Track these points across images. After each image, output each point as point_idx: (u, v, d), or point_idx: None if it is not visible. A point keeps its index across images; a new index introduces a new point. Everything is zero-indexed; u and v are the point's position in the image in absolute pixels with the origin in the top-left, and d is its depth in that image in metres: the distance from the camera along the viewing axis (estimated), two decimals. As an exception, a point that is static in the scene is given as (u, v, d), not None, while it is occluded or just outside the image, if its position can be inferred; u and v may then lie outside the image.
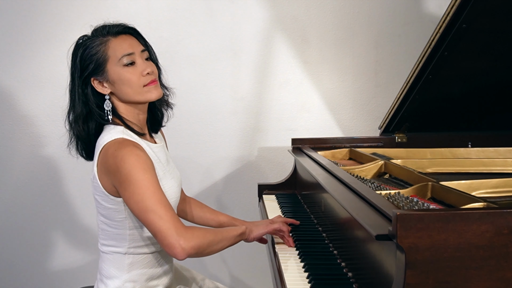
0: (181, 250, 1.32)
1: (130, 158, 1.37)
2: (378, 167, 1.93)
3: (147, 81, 1.49)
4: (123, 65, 1.47)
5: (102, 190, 1.46)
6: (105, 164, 1.43)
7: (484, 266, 0.97)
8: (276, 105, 2.90)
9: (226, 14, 2.83)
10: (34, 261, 2.92)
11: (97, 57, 1.47)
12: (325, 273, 1.42)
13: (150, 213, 1.34)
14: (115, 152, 1.40)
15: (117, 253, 1.52)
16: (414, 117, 2.33)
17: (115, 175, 1.39)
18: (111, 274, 1.53)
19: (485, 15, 1.82)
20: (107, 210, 1.49)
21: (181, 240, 1.32)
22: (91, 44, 1.48)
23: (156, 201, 1.35)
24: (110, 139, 1.45)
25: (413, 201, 1.34)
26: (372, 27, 2.88)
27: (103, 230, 1.53)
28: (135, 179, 1.36)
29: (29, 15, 2.78)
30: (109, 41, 1.48)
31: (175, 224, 1.33)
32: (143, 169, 1.37)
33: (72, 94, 1.52)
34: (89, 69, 1.47)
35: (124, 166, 1.37)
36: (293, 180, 2.45)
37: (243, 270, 2.97)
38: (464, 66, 2.05)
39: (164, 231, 1.32)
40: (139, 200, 1.35)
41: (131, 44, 1.50)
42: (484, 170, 1.97)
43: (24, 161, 2.86)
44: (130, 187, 1.36)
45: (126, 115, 1.52)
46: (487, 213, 0.98)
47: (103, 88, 1.49)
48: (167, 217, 1.34)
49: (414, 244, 0.97)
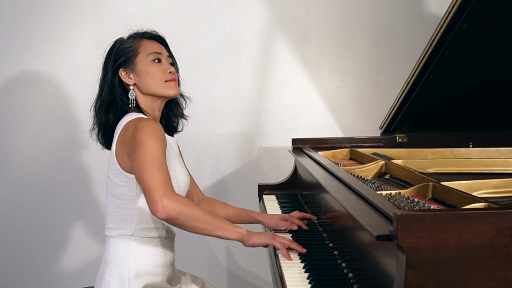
0: (162, 207, 1.38)
1: (147, 126, 1.51)
2: (379, 167, 1.93)
3: (169, 77, 1.67)
4: (151, 60, 1.66)
5: (117, 166, 1.57)
6: (124, 136, 1.56)
7: (485, 266, 0.97)
8: (277, 105, 2.90)
9: (226, 13, 2.84)
10: (34, 262, 2.92)
11: (129, 50, 1.67)
12: (326, 273, 1.42)
13: (146, 171, 1.43)
14: (135, 124, 1.54)
15: (124, 235, 1.59)
16: (415, 117, 2.33)
17: (130, 143, 1.52)
18: (117, 257, 1.58)
19: (487, 15, 1.82)
20: (119, 188, 1.58)
21: (165, 198, 1.39)
22: (126, 41, 1.70)
23: (155, 162, 1.45)
24: (130, 119, 1.59)
25: (414, 201, 1.34)
26: (373, 27, 2.88)
27: (111, 213, 1.62)
28: (145, 142, 1.48)
29: (29, 14, 2.78)
30: (142, 40, 1.69)
31: (164, 184, 1.42)
32: (155, 137, 1.49)
33: (102, 82, 1.69)
34: (120, 59, 1.66)
35: (139, 133, 1.50)
36: (293, 180, 2.45)
37: (243, 271, 2.97)
38: (465, 65, 2.05)
39: (152, 187, 1.40)
40: (141, 160, 1.45)
41: (160, 47, 1.71)
42: (485, 170, 1.97)
43: (24, 161, 2.86)
44: (139, 149, 1.47)
45: (144, 106, 1.68)
46: (488, 213, 0.98)
47: (129, 79, 1.66)
48: (160, 177, 1.42)
49: (415, 244, 0.97)
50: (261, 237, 1.57)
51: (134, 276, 1.56)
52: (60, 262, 2.93)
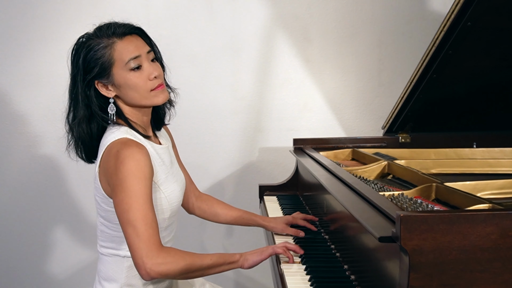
0: (145, 273, 1.33)
1: (130, 162, 1.37)
2: (381, 168, 1.93)
3: (154, 86, 1.48)
4: (129, 69, 1.45)
5: (101, 191, 1.47)
6: (106, 164, 1.43)
7: (489, 268, 0.97)
8: (278, 105, 2.90)
9: (227, 12, 2.84)
10: (31, 264, 2.92)
11: (103, 60, 1.44)
12: (328, 275, 1.42)
13: (130, 227, 1.34)
14: (118, 152, 1.40)
15: (116, 255, 1.52)
16: (418, 117, 2.33)
17: (111, 176, 1.40)
18: (109, 276, 1.53)
19: (491, 13, 1.82)
20: (106, 212, 1.50)
21: (148, 264, 1.32)
22: (95, 46, 1.46)
23: (140, 216, 1.35)
24: (114, 139, 1.45)
25: (417, 202, 1.34)
26: (375, 25, 2.88)
27: (102, 232, 1.54)
28: (128, 187, 1.36)
29: (26, 13, 2.78)
30: (114, 43, 1.45)
31: (148, 245, 1.33)
32: (139, 178, 1.37)
33: (73, 96, 1.50)
34: (93, 72, 1.45)
35: (122, 170, 1.37)
36: (294, 181, 2.45)
37: (244, 273, 2.97)
38: (469, 64, 2.05)
39: (136, 249, 1.33)
40: (125, 209, 1.35)
41: (137, 46, 1.47)
42: (489, 171, 1.97)
43: (21, 162, 2.86)
44: (122, 193, 1.36)
45: (131, 116, 1.52)
46: (492, 214, 0.98)
47: (108, 92, 1.48)
48: (144, 236, 1.33)
49: (418, 246, 0.97)
50: (253, 256, 1.50)
51: None
52: (57, 265, 2.93)
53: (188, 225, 2.80)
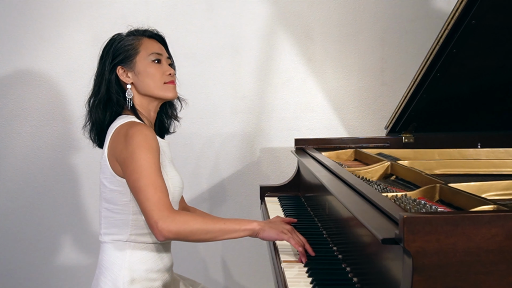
0: (158, 232, 1.44)
1: (139, 136, 1.51)
2: (384, 169, 1.93)
3: (168, 79, 1.68)
4: (151, 60, 1.67)
5: (110, 170, 1.57)
6: (115, 144, 1.56)
7: (494, 271, 0.97)
8: (279, 104, 2.91)
9: (227, 10, 2.84)
10: (30, 264, 2.92)
11: (129, 48, 1.66)
12: (330, 278, 1.42)
13: (141, 193, 1.47)
14: (127, 130, 1.54)
15: (119, 240, 1.60)
16: (421, 117, 2.33)
17: (121, 151, 1.52)
18: (110, 263, 1.59)
19: (496, 11, 1.82)
20: (112, 193, 1.58)
21: (160, 222, 1.43)
22: (126, 38, 1.69)
23: (149, 182, 1.47)
24: (122, 123, 1.59)
25: (420, 203, 1.34)
26: (378, 24, 2.88)
27: (105, 218, 1.62)
28: (138, 157, 1.49)
29: (24, 12, 2.78)
30: (142, 39, 1.69)
31: (158, 206, 1.45)
32: (147, 149, 1.50)
33: (98, 79, 1.68)
34: (119, 57, 1.66)
35: (132, 143, 1.50)
36: (296, 182, 2.45)
37: (244, 275, 2.97)
38: (474, 63, 2.05)
39: (148, 212, 1.45)
40: (135, 179, 1.48)
41: (161, 48, 1.72)
42: (494, 172, 1.97)
43: (18, 162, 2.86)
44: (132, 164, 1.49)
45: (140, 107, 1.68)
46: (497, 216, 0.98)
47: (126, 78, 1.66)
48: (154, 199, 1.45)
49: (421, 248, 0.97)
50: (272, 230, 1.54)
51: (129, 283, 1.56)
52: (56, 265, 2.93)
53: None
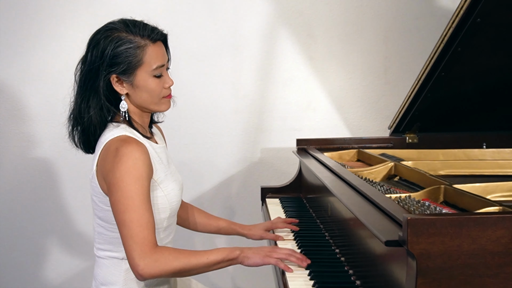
0: (138, 275, 1.37)
1: (128, 161, 1.40)
2: (388, 169, 1.93)
3: (166, 94, 1.56)
4: (153, 75, 1.52)
5: (99, 190, 1.49)
6: (104, 161, 1.46)
7: (500, 273, 0.97)
8: (280, 104, 2.90)
9: (228, 7, 2.84)
10: (26, 268, 2.92)
11: (132, 59, 1.49)
12: (332, 281, 1.42)
13: (125, 228, 1.38)
14: (116, 150, 1.43)
15: (114, 258, 1.53)
16: (425, 117, 2.33)
17: (108, 173, 1.43)
18: (106, 280, 1.54)
19: (501, 9, 1.81)
20: (104, 212, 1.50)
21: (140, 265, 1.36)
22: (128, 43, 1.49)
23: (135, 217, 1.38)
24: (113, 136, 1.48)
25: (424, 205, 1.34)
26: (382, 22, 2.87)
27: (99, 234, 1.55)
28: (124, 186, 1.39)
29: (22, 11, 2.79)
30: (147, 46, 1.50)
31: (142, 247, 1.37)
32: (137, 178, 1.40)
33: (90, 83, 1.51)
34: (119, 67, 1.49)
35: (120, 168, 1.40)
36: (298, 183, 2.45)
37: (246, 278, 2.97)
38: (479, 62, 2.04)
39: (130, 251, 1.37)
40: (121, 210, 1.39)
41: (164, 55, 1.56)
42: (499, 173, 1.97)
43: (15, 162, 2.87)
44: (118, 193, 1.39)
45: (133, 114, 1.57)
46: (503, 217, 0.98)
47: (121, 88, 1.52)
48: (138, 238, 1.37)
49: (425, 250, 0.97)
50: (256, 256, 1.50)
51: None
52: (53, 269, 2.93)
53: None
